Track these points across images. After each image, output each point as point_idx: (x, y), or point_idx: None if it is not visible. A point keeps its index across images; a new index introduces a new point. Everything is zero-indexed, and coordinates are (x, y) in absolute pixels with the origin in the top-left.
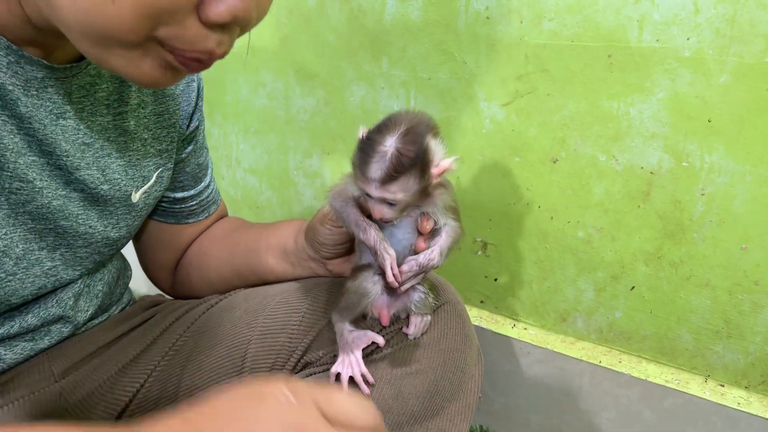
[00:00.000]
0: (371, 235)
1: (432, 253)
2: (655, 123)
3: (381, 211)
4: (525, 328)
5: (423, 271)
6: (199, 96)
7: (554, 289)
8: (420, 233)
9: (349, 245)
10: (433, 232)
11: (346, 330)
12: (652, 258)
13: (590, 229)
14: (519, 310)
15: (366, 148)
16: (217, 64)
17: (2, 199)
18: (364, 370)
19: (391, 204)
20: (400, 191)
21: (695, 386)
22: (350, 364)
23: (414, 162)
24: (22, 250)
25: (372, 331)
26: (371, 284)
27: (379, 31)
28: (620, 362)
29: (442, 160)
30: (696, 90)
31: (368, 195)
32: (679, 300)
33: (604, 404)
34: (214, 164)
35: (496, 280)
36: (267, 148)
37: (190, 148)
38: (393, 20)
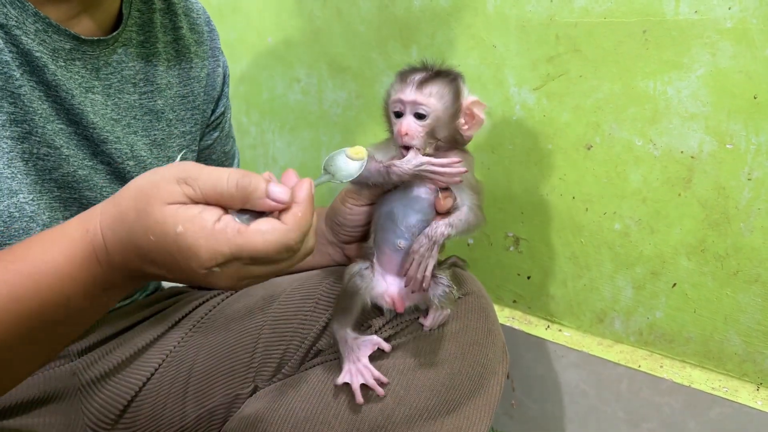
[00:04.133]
0: (407, 161)
1: (440, 227)
2: (695, 102)
3: (409, 125)
4: (560, 330)
5: (434, 243)
6: (224, 83)
7: (590, 287)
8: (438, 212)
9: (367, 228)
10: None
11: (349, 337)
12: (695, 251)
13: (627, 221)
14: (553, 310)
15: (405, 68)
16: (252, 61)
17: (30, 164)
18: (377, 373)
19: (421, 117)
20: (435, 96)
21: (746, 395)
22: (359, 372)
23: (449, 74)
24: (48, 218)
25: (377, 336)
26: (360, 279)
27: (409, 19)
28: (662, 367)
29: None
30: (739, 64)
31: (398, 112)
32: (726, 298)
33: (644, 413)
34: (251, 163)
35: (529, 278)
36: (301, 145)
37: (216, 134)
38: (422, 6)
